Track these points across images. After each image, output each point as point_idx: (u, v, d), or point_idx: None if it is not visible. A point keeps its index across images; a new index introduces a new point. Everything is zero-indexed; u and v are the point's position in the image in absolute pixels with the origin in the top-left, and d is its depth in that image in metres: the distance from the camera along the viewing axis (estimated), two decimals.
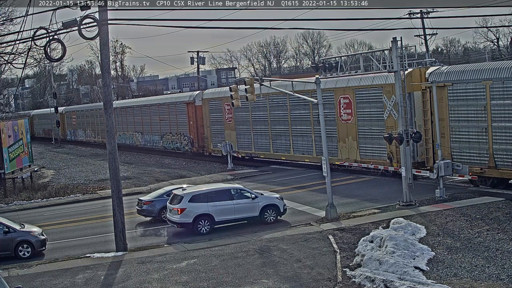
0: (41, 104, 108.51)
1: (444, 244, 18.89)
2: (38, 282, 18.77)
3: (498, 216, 21.36)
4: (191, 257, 20.28)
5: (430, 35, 58.51)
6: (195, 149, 49.52)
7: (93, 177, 42.69)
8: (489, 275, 15.93)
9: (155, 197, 26.99)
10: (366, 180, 32.46)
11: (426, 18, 56.31)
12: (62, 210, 32.01)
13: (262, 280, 17.34)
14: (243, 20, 27.73)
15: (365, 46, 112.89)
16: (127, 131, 63.16)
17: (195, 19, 22.81)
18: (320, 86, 25.06)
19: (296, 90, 29.68)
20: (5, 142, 36.11)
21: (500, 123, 25.10)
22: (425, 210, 23.45)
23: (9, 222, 23.07)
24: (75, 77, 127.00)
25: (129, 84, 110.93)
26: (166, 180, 38.43)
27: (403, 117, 24.91)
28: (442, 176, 24.96)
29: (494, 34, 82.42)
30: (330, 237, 21.23)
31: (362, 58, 26.96)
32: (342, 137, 33.81)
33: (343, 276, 17.16)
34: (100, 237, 24.81)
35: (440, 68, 28.72)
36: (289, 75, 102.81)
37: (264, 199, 24.76)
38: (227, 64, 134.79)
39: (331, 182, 24.76)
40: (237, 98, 27.43)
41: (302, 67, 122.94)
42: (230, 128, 44.58)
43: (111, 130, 22.13)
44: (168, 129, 53.59)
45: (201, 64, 75.56)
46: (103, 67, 22.34)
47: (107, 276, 18.97)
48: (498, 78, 24.94)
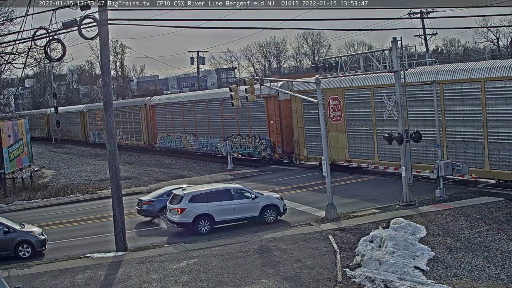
0: (41, 104, 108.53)
1: (444, 244, 18.89)
2: (38, 282, 18.77)
3: (498, 216, 21.37)
4: (191, 257, 20.28)
5: (430, 35, 58.58)
6: (277, 155, 40.68)
7: (93, 177, 42.69)
8: (489, 275, 15.93)
9: (155, 197, 26.98)
10: (366, 180, 32.47)
11: (426, 18, 56.38)
12: (62, 210, 32.00)
13: (262, 280, 17.34)
14: (243, 20, 27.73)
15: (365, 46, 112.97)
16: (173, 133, 53.24)
17: (195, 19, 22.92)
18: (320, 86, 25.05)
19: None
20: (5, 142, 36.12)
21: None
22: (425, 210, 23.45)
23: (9, 222, 23.06)
24: (75, 77, 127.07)
25: (129, 84, 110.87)
26: (166, 180, 38.43)
27: (403, 117, 24.90)
28: (442, 176, 24.96)
29: (494, 34, 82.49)
30: (330, 237, 21.23)
31: (362, 58, 26.96)
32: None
33: (343, 276, 17.16)
34: (100, 237, 24.81)
35: None
36: (289, 75, 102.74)
37: (264, 199, 24.76)
38: (227, 64, 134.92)
39: (331, 182, 24.77)
40: (237, 98, 27.47)
41: (302, 67, 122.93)
42: (338, 130, 34.99)
43: (111, 130, 22.13)
44: (236, 130, 44.47)
45: (201, 64, 75.63)
46: (103, 67, 22.34)
47: (107, 276, 18.97)
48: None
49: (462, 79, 26.84)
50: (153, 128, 56.47)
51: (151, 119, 56.51)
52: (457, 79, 27.06)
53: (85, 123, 72.96)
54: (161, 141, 55.34)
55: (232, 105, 28.18)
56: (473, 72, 26.46)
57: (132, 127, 60.23)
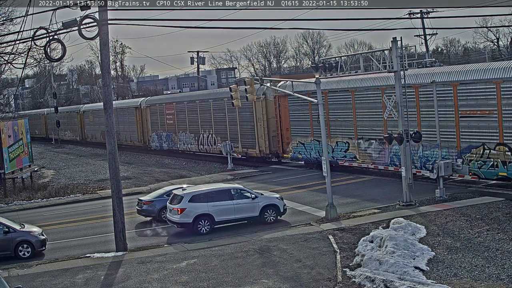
0: (41, 104, 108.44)
1: (444, 244, 18.89)
2: (38, 282, 18.77)
3: (498, 216, 21.37)
4: (191, 257, 20.28)
5: (430, 35, 58.55)
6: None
7: (93, 177, 42.68)
8: (489, 275, 15.93)
9: (155, 197, 26.98)
10: (366, 180, 32.47)
11: (426, 18, 56.35)
12: (62, 210, 32.00)
13: (262, 280, 17.34)
14: (243, 20, 27.63)
15: (365, 46, 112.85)
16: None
17: (195, 19, 22.79)
18: (320, 87, 25.05)
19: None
20: (5, 142, 36.11)
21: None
22: (425, 210, 23.45)
23: (9, 222, 23.06)
24: (75, 77, 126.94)
25: (129, 84, 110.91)
26: (166, 180, 38.42)
27: (403, 117, 24.90)
28: (442, 176, 24.97)
29: (494, 34, 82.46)
30: (330, 237, 21.23)
31: (362, 58, 26.97)
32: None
33: (343, 276, 17.15)
34: (100, 237, 24.81)
35: None
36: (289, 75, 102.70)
37: (264, 199, 24.76)
38: (227, 64, 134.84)
39: (331, 182, 24.77)
40: (237, 98, 27.48)
41: (302, 67, 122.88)
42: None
43: (111, 130, 22.13)
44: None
45: (201, 64, 75.64)
46: (103, 67, 22.34)
47: (107, 276, 18.97)
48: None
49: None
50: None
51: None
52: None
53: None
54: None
55: (232, 105, 28.23)
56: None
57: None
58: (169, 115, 53.17)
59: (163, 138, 54.47)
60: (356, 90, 32.58)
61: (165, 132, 54.05)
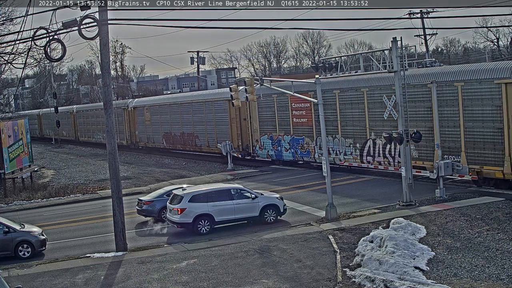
0: (41, 104, 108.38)
1: (444, 244, 18.89)
2: (38, 282, 18.76)
3: (498, 216, 21.36)
4: (191, 257, 20.28)
5: (430, 35, 58.54)
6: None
7: (93, 177, 42.68)
8: (489, 275, 15.93)
9: (155, 197, 26.98)
10: (366, 180, 32.47)
11: (426, 18, 56.34)
12: (62, 210, 32.00)
13: (262, 280, 17.34)
14: (243, 20, 27.64)
15: (365, 46, 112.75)
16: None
17: (195, 19, 22.83)
18: (320, 87, 25.05)
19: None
20: (5, 142, 36.11)
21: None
22: (425, 210, 23.44)
23: (9, 222, 23.06)
24: (75, 77, 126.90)
25: (129, 84, 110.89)
26: (166, 180, 38.43)
27: (403, 117, 24.90)
28: (442, 176, 24.96)
29: (494, 34, 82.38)
30: (330, 237, 21.23)
31: (362, 58, 26.97)
32: None
33: (343, 276, 17.16)
34: (100, 237, 24.81)
35: None
36: (289, 75, 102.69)
37: (264, 199, 24.76)
38: (227, 64, 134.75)
39: (331, 182, 24.77)
40: (237, 98, 27.43)
41: (302, 67, 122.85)
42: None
43: (111, 130, 22.14)
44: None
45: (201, 64, 75.67)
46: (103, 67, 22.34)
47: (107, 276, 18.97)
48: None
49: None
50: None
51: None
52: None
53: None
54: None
55: (233, 105, 28.20)
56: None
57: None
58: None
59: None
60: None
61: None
